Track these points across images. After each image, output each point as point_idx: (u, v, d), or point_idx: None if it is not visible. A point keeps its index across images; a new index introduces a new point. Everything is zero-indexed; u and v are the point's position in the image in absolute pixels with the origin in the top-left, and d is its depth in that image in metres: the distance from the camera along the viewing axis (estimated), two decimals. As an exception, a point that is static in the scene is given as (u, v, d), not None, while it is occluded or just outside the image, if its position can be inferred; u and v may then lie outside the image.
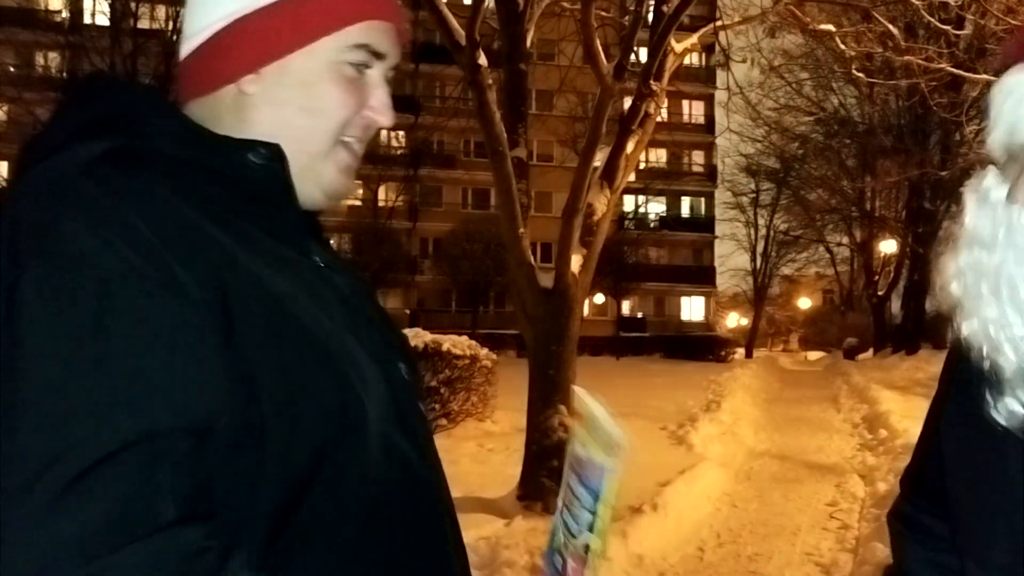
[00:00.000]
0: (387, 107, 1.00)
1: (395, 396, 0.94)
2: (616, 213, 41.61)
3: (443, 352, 10.09)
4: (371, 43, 0.96)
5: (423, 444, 0.98)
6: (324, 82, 0.94)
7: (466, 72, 6.41)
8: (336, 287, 0.96)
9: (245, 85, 0.94)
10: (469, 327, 28.72)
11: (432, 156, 38.49)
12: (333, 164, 0.97)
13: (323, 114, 0.95)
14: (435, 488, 0.98)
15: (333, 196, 1.00)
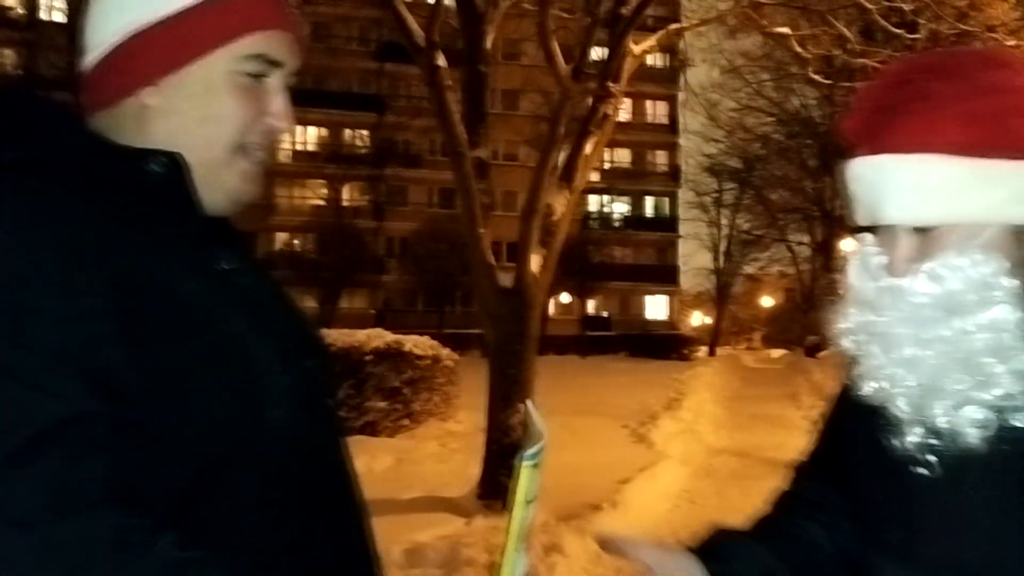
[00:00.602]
0: (286, 113, 1.03)
1: (300, 392, 0.97)
2: (580, 213, 41.91)
3: (405, 352, 10.09)
4: (266, 53, 1.00)
5: (329, 437, 1.03)
6: (221, 92, 0.98)
7: (425, 73, 6.44)
8: (242, 289, 0.99)
9: (144, 97, 0.97)
10: (435, 327, 28.68)
11: (397, 155, 38.36)
12: (235, 171, 1.00)
13: (221, 122, 0.98)
14: (340, 478, 1.03)
15: (237, 202, 1.03)
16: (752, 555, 1.08)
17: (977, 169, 0.85)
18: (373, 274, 37.13)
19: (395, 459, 8.55)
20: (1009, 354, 0.85)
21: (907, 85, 0.88)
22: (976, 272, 0.86)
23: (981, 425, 0.86)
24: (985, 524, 0.88)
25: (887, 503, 0.98)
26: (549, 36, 6.48)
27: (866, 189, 0.91)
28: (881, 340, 0.91)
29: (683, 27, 7.64)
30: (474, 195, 6.60)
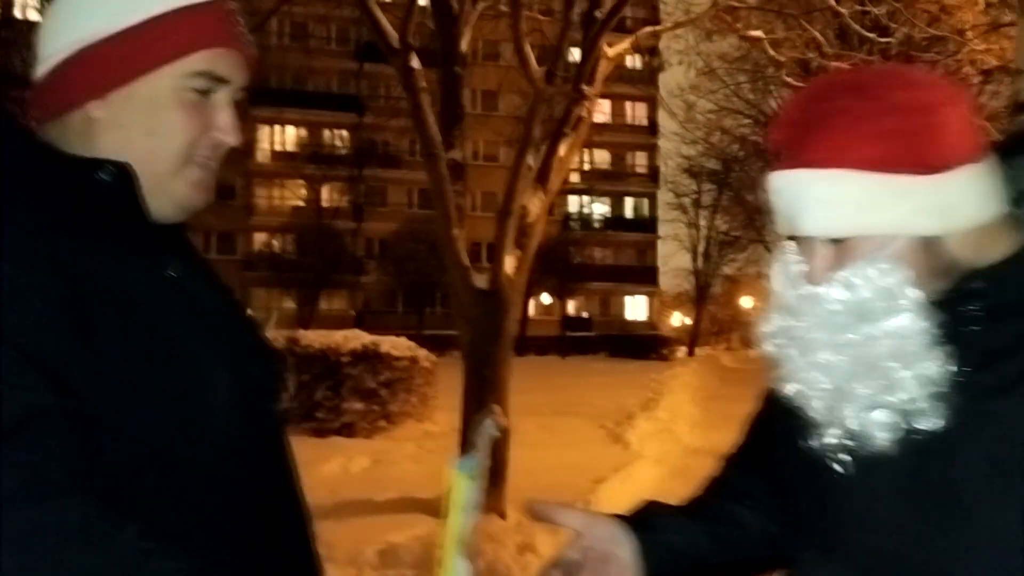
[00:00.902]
0: (232, 128, 1.06)
1: (244, 397, 1.02)
2: (561, 214, 41.94)
3: (382, 354, 10.10)
4: (212, 70, 1.03)
5: (273, 442, 1.07)
6: (167, 107, 1.01)
7: (400, 75, 6.45)
8: (189, 296, 1.03)
9: (92, 110, 1.00)
10: (415, 328, 28.64)
11: (377, 156, 38.26)
12: (184, 181, 1.03)
13: (168, 136, 1.01)
14: (283, 482, 1.08)
15: (186, 210, 1.06)
16: (680, 528, 1.13)
17: (886, 184, 0.89)
18: (352, 275, 37.06)
19: (371, 460, 8.56)
20: (913, 360, 0.89)
21: (824, 102, 0.92)
22: (883, 281, 0.90)
23: (888, 428, 0.90)
24: (892, 520, 0.92)
25: (807, 497, 1.02)
26: (522, 39, 6.51)
27: (785, 201, 0.95)
28: (799, 344, 0.95)
29: (657, 29, 7.68)
30: (449, 197, 6.61)
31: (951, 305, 0.92)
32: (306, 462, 5.42)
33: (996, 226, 0.94)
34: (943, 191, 0.89)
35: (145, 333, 0.93)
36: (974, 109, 0.94)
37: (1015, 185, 0.98)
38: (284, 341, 10.24)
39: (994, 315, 0.91)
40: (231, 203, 38.38)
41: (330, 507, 6.55)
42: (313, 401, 10.04)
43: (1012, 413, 0.86)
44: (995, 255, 0.93)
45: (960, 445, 0.88)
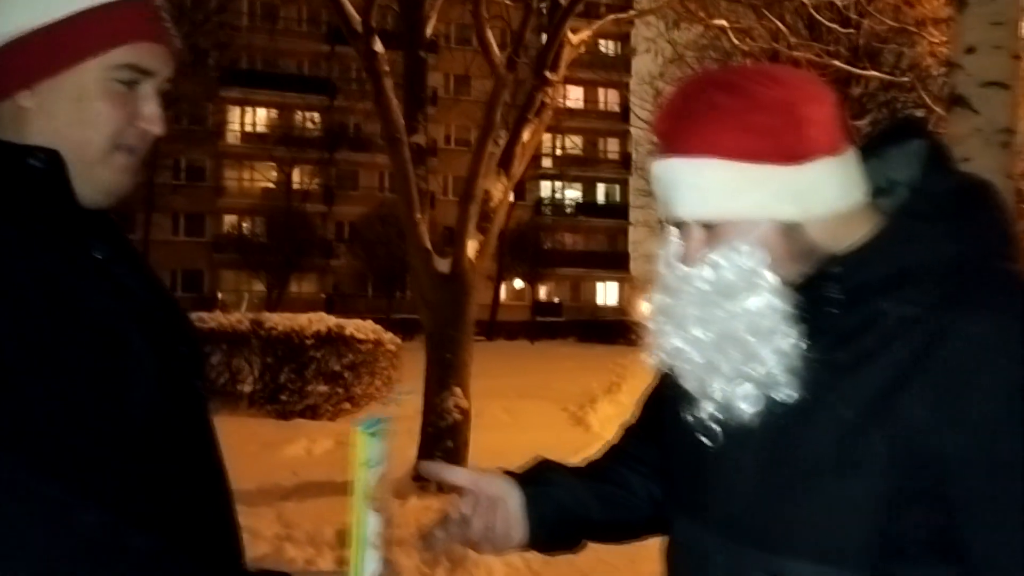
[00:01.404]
0: (157, 118, 1.11)
1: (170, 373, 1.07)
2: (532, 199, 41.84)
3: (346, 337, 10.11)
4: (137, 63, 1.07)
5: (198, 417, 1.12)
6: (94, 97, 1.05)
7: (362, 59, 6.46)
8: (115, 278, 1.07)
9: (21, 99, 1.04)
10: (385, 311, 28.62)
11: (348, 139, 37.98)
12: (110, 168, 1.08)
13: (94, 126, 1.06)
14: (207, 455, 1.13)
15: (113, 196, 1.10)
16: (568, 486, 1.21)
17: (749, 172, 0.97)
18: (323, 258, 36.85)
19: (335, 442, 8.60)
20: (770, 336, 0.97)
21: (697, 97, 0.99)
22: (744, 263, 0.98)
23: (750, 399, 0.99)
24: (750, 486, 1.00)
25: (681, 464, 1.11)
26: (484, 24, 6.54)
27: (662, 187, 1.03)
28: (674, 320, 1.03)
29: (621, 17, 7.74)
30: (411, 181, 6.65)
31: (811, 288, 1.00)
32: (270, 443, 5.55)
33: (856, 214, 1.02)
34: (802, 180, 0.97)
35: (74, 314, 0.97)
36: (839, 106, 1.01)
37: (880, 176, 1.06)
38: (249, 324, 10.23)
39: (850, 297, 0.98)
40: (200, 185, 38.00)
41: (292, 488, 6.60)
42: (277, 383, 10.05)
43: (863, 387, 0.94)
44: (854, 241, 1.01)
45: (815, 414, 0.96)
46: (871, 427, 0.92)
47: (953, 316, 0.92)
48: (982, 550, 0.90)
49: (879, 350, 0.94)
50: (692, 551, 1.07)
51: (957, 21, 3.14)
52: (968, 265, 0.97)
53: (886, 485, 0.91)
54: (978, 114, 2.90)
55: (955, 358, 0.90)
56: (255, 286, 35.43)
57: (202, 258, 37.19)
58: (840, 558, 0.93)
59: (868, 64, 11.60)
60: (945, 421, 0.90)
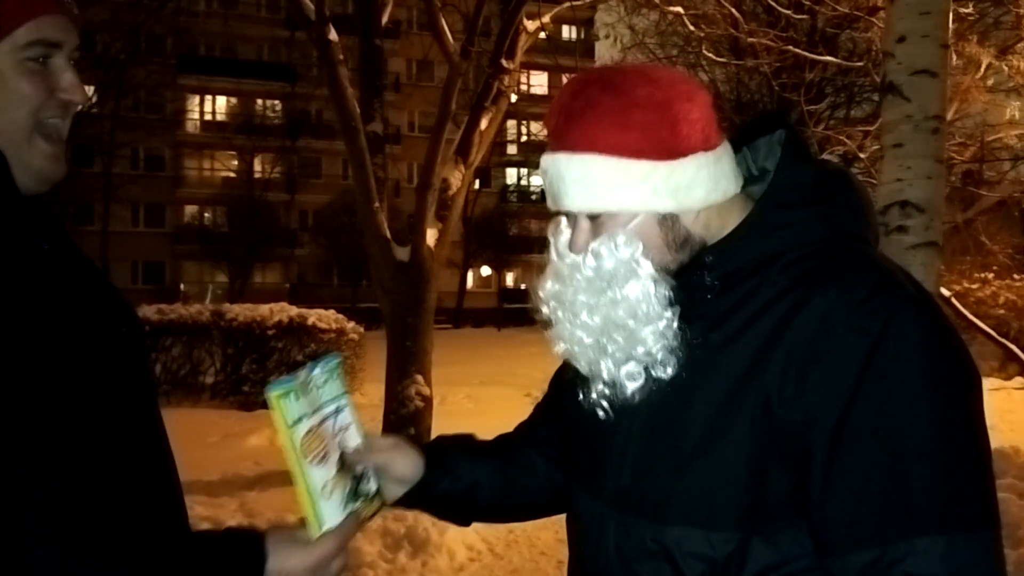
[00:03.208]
0: (76, 86, 1.13)
1: (116, 356, 1.11)
2: (498, 186, 41.66)
3: (308, 326, 10.09)
4: (44, 37, 1.09)
5: (140, 396, 1.16)
6: (10, 79, 1.08)
7: (316, 47, 6.44)
8: (60, 265, 1.10)
9: None
10: (350, 301, 28.47)
11: (310, 126, 37.57)
12: (37, 153, 1.10)
13: (16, 106, 1.08)
14: (152, 432, 1.17)
15: (45, 182, 1.13)
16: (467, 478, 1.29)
17: (628, 168, 1.03)
18: (286, 248, 36.52)
19: (298, 432, 8.60)
20: (649, 319, 1.05)
21: (580, 95, 1.05)
22: (622, 253, 1.06)
23: (635, 377, 1.06)
24: (636, 457, 1.08)
25: (579, 442, 1.18)
26: (436, 11, 6.54)
27: (549, 180, 1.10)
28: (566, 307, 1.10)
29: (577, 4, 7.77)
30: (368, 170, 6.66)
31: (687, 275, 1.08)
32: (232, 434, 5.59)
33: (729, 204, 1.09)
34: (678, 175, 1.04)
35: (31, 304, 1.00)
36: (712, 103, 1.08)
37: (752, 164, 1.15)
38: (209, 315, 10.17)
39: (722, 283, 1.06)
40: (160, 175, 37.38)
41: (254, 478, 6.60)
42: (239, 374, 10.02)
43: (732, 364, 1.02)
44: (728, 229, 1.09)
45: (692, 391, 1.04)
46: (737, 399, 1.00)
47: (807, 294, 1.00)
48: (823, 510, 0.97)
49: (746, 329, 1.02)
50: (589, 524, 1.14)
51: (888, 11, 3.23)
52: (826, 246, 1.04)
53: (752, 452, 0.99)
54: (909, 101, 2.98)
55: (806, 329, 0.98)
56: (218, 277, 35.05)
57: (163, 249, 36.66)
58: (715, 522, 1.00)
59: (824, 50, 11.76)
60: (797, 389, 0.97)
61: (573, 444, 1.20)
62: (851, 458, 0.95)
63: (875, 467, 0.93)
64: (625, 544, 1.07)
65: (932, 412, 0.93)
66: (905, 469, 0.92)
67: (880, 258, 1.06)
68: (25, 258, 1.04)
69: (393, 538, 5.19)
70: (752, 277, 1.04)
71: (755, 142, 1.15)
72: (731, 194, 1.09)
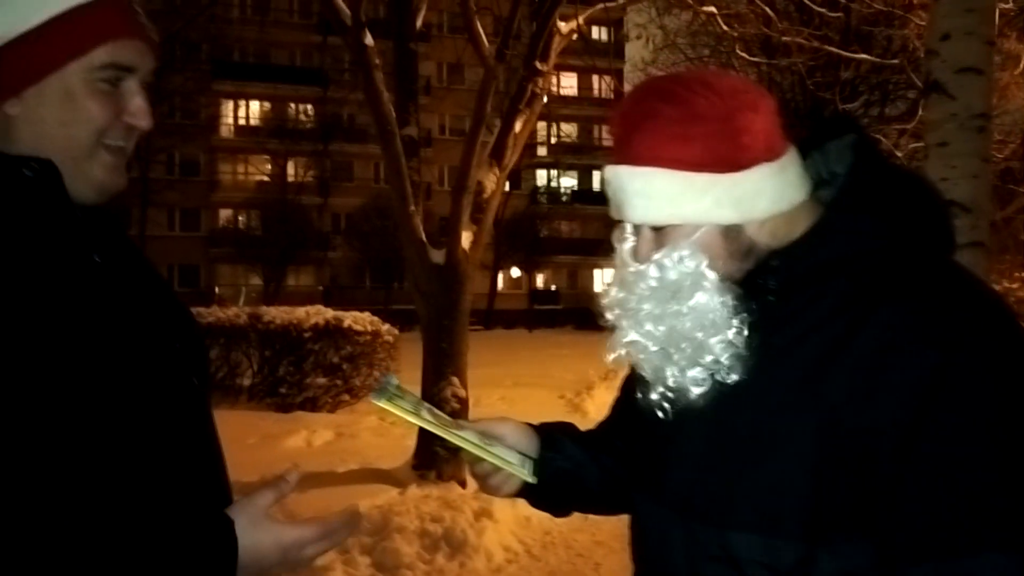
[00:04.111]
0: (144, 112, 1.14)
1: (163, 371, 1.10)
2: (528, 187, 41.67)
3: (344, 329, 10.17)
4: (118, 60, 1.10)
5: (196, 412, 1.16)
6: (80, 98, 1.08)
7: (352, 52, 6.49)
8: (114, 279, 1.10)
9: (7, 108, 1.07)
10: (382, 303, 28.65)
11: (342, 130, 37.92)
12: (98, 165, 1.11)
13: (81, 125, 1.09)
14: (206, 449, 1.17)
15: (105, 192, 1.14)
16: (576, 457, 1.32)
17: (691, 181, 1.04)
18: (319, 251, 36.84)
19: (334, 433, 8.68)
20: (716, 329, 1.05)
21: (641, 106, 1.06)
22: (686, 265, 1.06)
23: (700, 383, 1.07)
24: (699, 458, 1.07)
25: (643, 446, 1.18)
26: (472, 15, 6.57)
27: (612, 191, 1.11)
28: (630, 315, 1.11)
29: (611, 5, 7.77)
30: (404, 174, 6.70)
31: (752, 281, 1.08)
32: (270, 436, 5.69)
33: (797, 211, 1.09)
34: (742, 187, 1.04)
35: (78, 321, 1.00)
36: (776, 111, 1.08)
37: (816, 171, 1.14)
38: (247, 317, 10.29)
39: (785, 288, 1.06)
40: (195, 179, 37.93)
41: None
42: (276, 376, 10.12)
43: (794, 369, 1.01)
44: (796, 235, 1.08)
45: (754, 395, 1.04)
46: (801, 405, 0.99)
47: (874, 303, 0.99)
48: (889, 521, 0.96)
49: (810, 335, 1.01)
50: (653, 528, 1.14)
51: (932, 8, 3.19)
52: (894, 254, 1.03)
53: (815, 459, 0.98)
54: (954, 100, 2.95)
55: (873, 342, 0.97)
56: (252, 280, 35.44)
57: (198, 253, 37.17)
58: (778, 530, 1.00)
59: (858, 47, 11.63)
60: (864, 398, 0.96)
61: (638, 447, 1.20)
62: (919, 470, 0.93)
63: (943, 481, 0.92)
64: (691, 550, 1.07)
65: (1004, 428, 0.92)
66: (974, 484, 0.91)
67: (954, 266, 1.04)
68: (70, 273, 1.03)
69: (431, 539, 5.22)
70: (818, 282, 1.04)
71: (825, 146, 1.15)
72: (797, 201, 1.09)
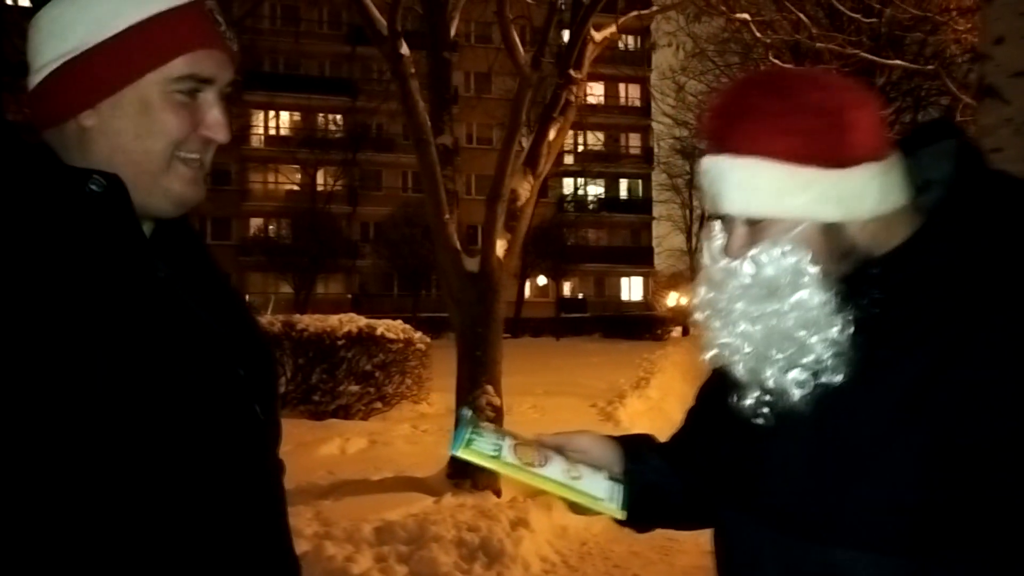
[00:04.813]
0: (221, 125, 1.10)
1: (225, 398, 1.05)
2: (555, 196, 41.72)
3: (377, 336, 10.20)
4: (196, 72, 1.06)
5: (255, 444, 1.09)
6: (156, 110, 1.05)
7: (388, 61, 6.52)
8: (176, 298, 1.05)
9: (83, 119, 1.04)
10: (411, 311, 28.75)
11: (371, 140, 38.16)
12: (176, 178, 1.07)
13: (157, 137, 1.05)
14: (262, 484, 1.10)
15: (182, 205, 1.10)
16: (661, 469, 1.28)
17: (794, 174, 1.01)
18: (348, 259, 37.06)
19: (368, 441, 8.70)
20: (818, 328, 1.02)
21: (746, 98, 1.03)
22: (786, 261, 1.02)
23: (801, 385, 1.03)
24: (799, 466, 1.03)
25: (731, 458, 1.13)
26: (508, 24, 6.57)
27: (709, 183, 1.07)
28: (721, 315, 1.07)
29: (643, 13, 7.75)
30: (439, 182, 6.71)
31: (852, 287, 1.04)
32: (305, 443, 5.70)
33: (898, 216, 1.05)
34: (845, 184, 1.01)
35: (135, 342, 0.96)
36: (881, 111, 1.05)
37: (918, 175, 1.10)
38: (280, 325, 10.37)
39: (889, 297, 1.02)
40: (226, 188, 38.31)
41: (328, 487, 6.70)
42: (310, 384, 10.17)
43: (902, 382, 0.98)
44: (895, 241, 1.05)
45: (860, 406, 1.00)
46: (910, 420, 0.96)
47: (984, 313, 0.95)
48: (1004, 541, 0.92)
49: (916, 347, 0.98)
50: (742, 545, 1.10)
51: (985, 11, 3.14)
52: (1003, 263, 0.99)
53: (926, 475, 0.94)
54: (1009, 104, 2.89)
55: (985, 351, 0.94)
56: (282, 288, 35.72)
57: (229, 261, 37.50)
58: (886, 546, 0.96)
59: (891, 53, 11.50)
60: (977, 416, 0.92)
61: (723, 459, 1.16)
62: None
63: None
64: (787, 567, 1.03)
65: None
66: None
67: None
68: (123, 292, 0.98)
69: (468, 548, 5.21)
70: (923, 292, 1.00)
71: (918, 152, 1.11)
72: (899, 205, 1.05)
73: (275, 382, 1.22)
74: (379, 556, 5.01)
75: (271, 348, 1.22)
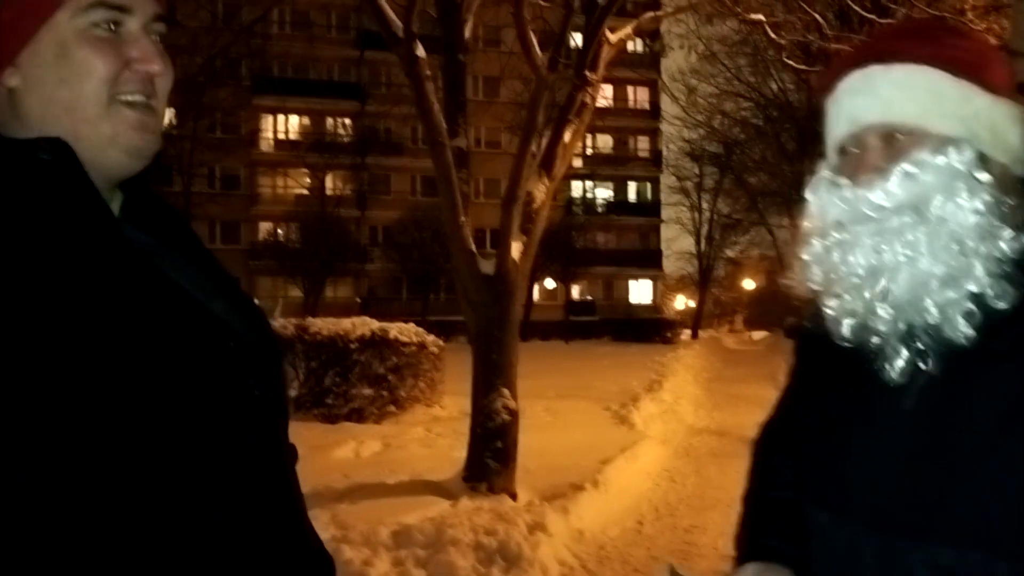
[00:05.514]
0: (152, 54, 1.00)
1: (213, 373, 0.96)
2: (564, 199, 41.74)
3: (390, 340, 10.19)
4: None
5: (252, 418, 1.00)
6: (74, 48, 0.96)
7: (404, 64, 6.51)
8: (155, 269, 0.97)
9: (7, 80, 0.97)
10: (420, 314, 28.76)
11: (380, 144, 38.24)
12: (120, 122, 0.98)
13: (82, 78, 0.96)
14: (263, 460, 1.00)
15: (137, 155, 1.00)
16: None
17: (952, 84, 0.99)
18: (357, 263, 37.12)
19: (382, 444, 8.69)
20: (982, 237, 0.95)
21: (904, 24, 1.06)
22: (952, 162, 0.97)
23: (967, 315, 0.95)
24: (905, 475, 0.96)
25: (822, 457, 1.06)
26: (525, 26, 6.55)
27: (850, 100, 1.03)
28: (853, 254, 1.00)
29: (659, 14, 7.72)
30: (454, 184, 6.69)
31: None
32: (319, 447, 5.69)
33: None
34: (998, 111, 0.99)
35: (108, 317, 0.89)
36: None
37: None
38: (293, 328, 10.36)
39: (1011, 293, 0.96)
40: (236, 193, 38.47)
41: (344, 490, 6.68)
42: (323, 387, 10.16)
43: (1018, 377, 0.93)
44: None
45: (971, 400, 0.95)
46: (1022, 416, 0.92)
47: None
48: None
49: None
50: (836, 548, 1.04)
51: (1016, 8, 3.11)
52: None
53: None
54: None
55: None
56: (292, 292, 35.78)
57: (238, 265, 37.61)
58: (997, 547, 0.91)
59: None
60: None
61: (813, 459, 1.09)
62: None
63: None
64: (888, 568, 0.97)
65: None
66: None
67: None
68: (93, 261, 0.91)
69: (486, 552, 5.18)
70: None
71: None
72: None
73: (275, 357, 1.10)
74: (397, 560, 4.99)
75: (266, 322, 1.12)
